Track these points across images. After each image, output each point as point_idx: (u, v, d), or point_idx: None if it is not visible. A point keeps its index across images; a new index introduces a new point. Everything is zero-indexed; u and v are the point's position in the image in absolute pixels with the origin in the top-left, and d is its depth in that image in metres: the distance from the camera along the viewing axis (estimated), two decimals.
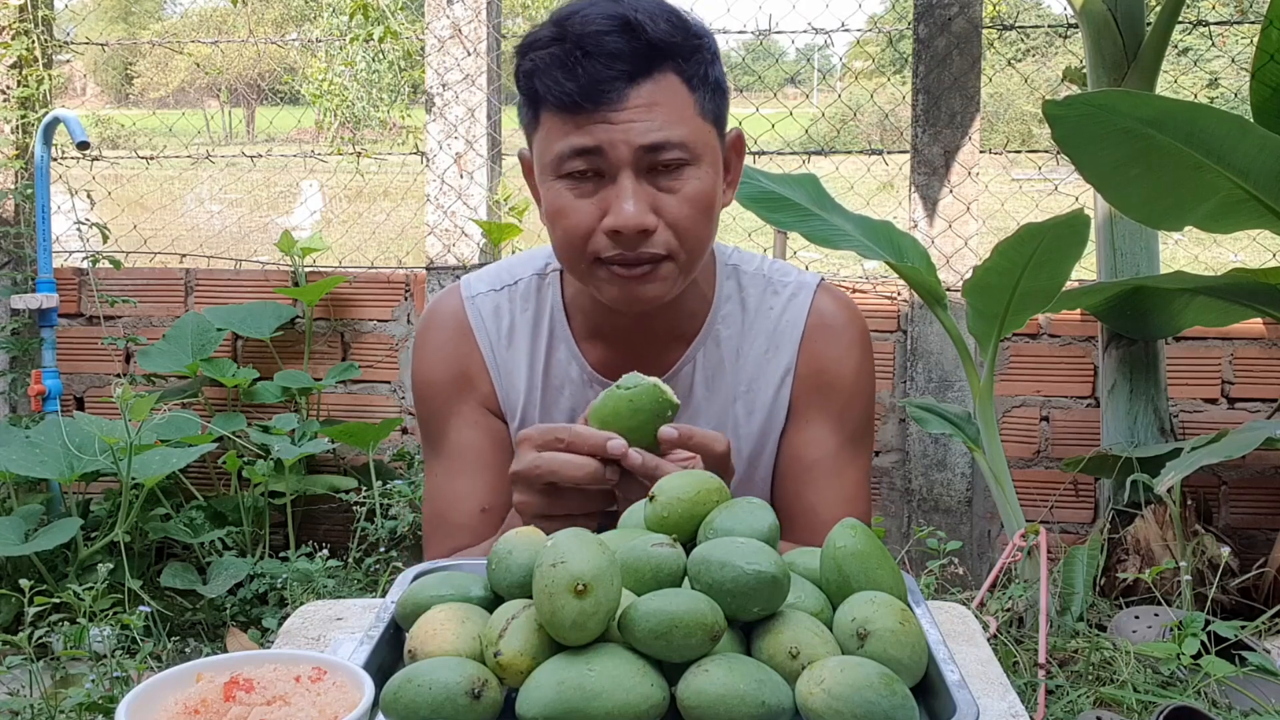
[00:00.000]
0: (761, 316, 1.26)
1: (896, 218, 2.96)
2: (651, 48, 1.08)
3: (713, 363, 1.25)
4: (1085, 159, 2.20)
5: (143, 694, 0.73)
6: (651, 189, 1.09)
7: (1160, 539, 2.54)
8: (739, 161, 1.22)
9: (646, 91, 1.08)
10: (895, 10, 3.75)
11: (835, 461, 1.25)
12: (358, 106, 8.14)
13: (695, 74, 1.11)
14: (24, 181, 3.32)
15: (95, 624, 2.17)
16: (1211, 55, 9.68)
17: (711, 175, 1.13)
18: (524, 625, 0.77)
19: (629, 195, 1.08)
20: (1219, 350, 2.97)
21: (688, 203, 1.10)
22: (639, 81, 1.08)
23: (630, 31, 1.07)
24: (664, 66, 1.09)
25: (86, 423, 2.76)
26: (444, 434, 1.28)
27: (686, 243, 1.11)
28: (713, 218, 1.14)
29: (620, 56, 1.07)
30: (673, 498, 0.93)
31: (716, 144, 1.15)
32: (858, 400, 1.26)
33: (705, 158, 1.12)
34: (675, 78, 1.10)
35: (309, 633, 1.08)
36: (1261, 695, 1.83)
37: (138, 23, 22.01)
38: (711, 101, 1.13)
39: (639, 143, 1.07)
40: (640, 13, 1.08)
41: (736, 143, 1.21)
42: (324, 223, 7.94)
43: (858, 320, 1.29)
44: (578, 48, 1.07)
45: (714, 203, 1.13)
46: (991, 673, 0.98)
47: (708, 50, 1.13)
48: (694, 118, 1.11)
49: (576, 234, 1.11)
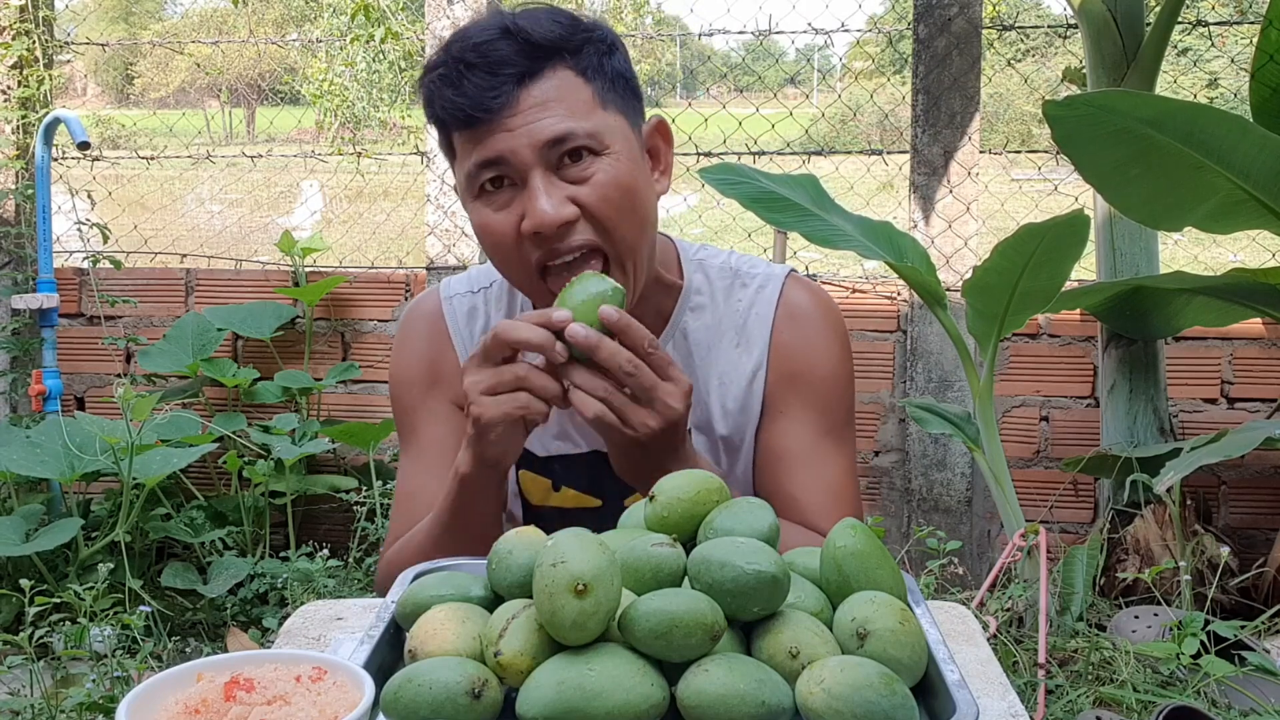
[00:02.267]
0: (730, 309, 1.25)
1: (896, 218, 2.96)
2: (536, 47, 1.08)
3: (681, 356, 1.24)
4: (1085, 159, 2.20)
5: (143, 694, 0.73)
6: (565, 184, 1.08)
7: (1160, 539, 2.54)
8: (668, 148, 1.20)
9: (538, 90, 1.07)
10: (895, 10, 3.75)
11: (814, 451, 1.23)
12: (358, 107, 8.14)
13: (589, 65, 1.10)
14: (24, 182, 3.32)
15: (96, 624, 2.17)
16: (1211, 55, 9.69)
17: (626, 164, 1.10)
18: (524, 625, 0.78)
19: (541, 194, 1.07)
20: (1219, 350, 2.97)
21: (602, 189, 1.08)
22: (528, 83, 1.07)
23: (511, 36, 1.07)
24: (553, 63, 1.08)
25: (87, 423, 2.76)
26: (415, 429, 1.30)
27: (614, 231, 1.09)
28: (639, 205, 1.11)
29: (505, 62, 1.07)
30: (673, 498, 0.93)
31: (629, 133, 1.12)
32: (833, 388, 1.25)
33: (615, 146, 1.10)
34: (568, 71, 1.09)
35: (309, 633, 1.08)
36: (1261, 695, 1.83)
37: (138, 23, 22.01)
38: (613, 92, 1.12)
39: (539, 140, 1.06)
40: (522, 18, 1.09)
41: (660, 129, 1.19)
42: (324, 223, 7.94)
43: (828, 309, 1.27)
44: (461, 62, 1.07)
45: (635, 190, 1.11)
46: (991, 673, 0.98)
47: (600, 42, 1.12)
48: (594, 108, 1.09)
49: (505, 247, 1.10)
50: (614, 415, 1.03)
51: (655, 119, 1.19)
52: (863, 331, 3.06)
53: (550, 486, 1.29)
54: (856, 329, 3.06)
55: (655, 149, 1.18)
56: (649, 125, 1.18)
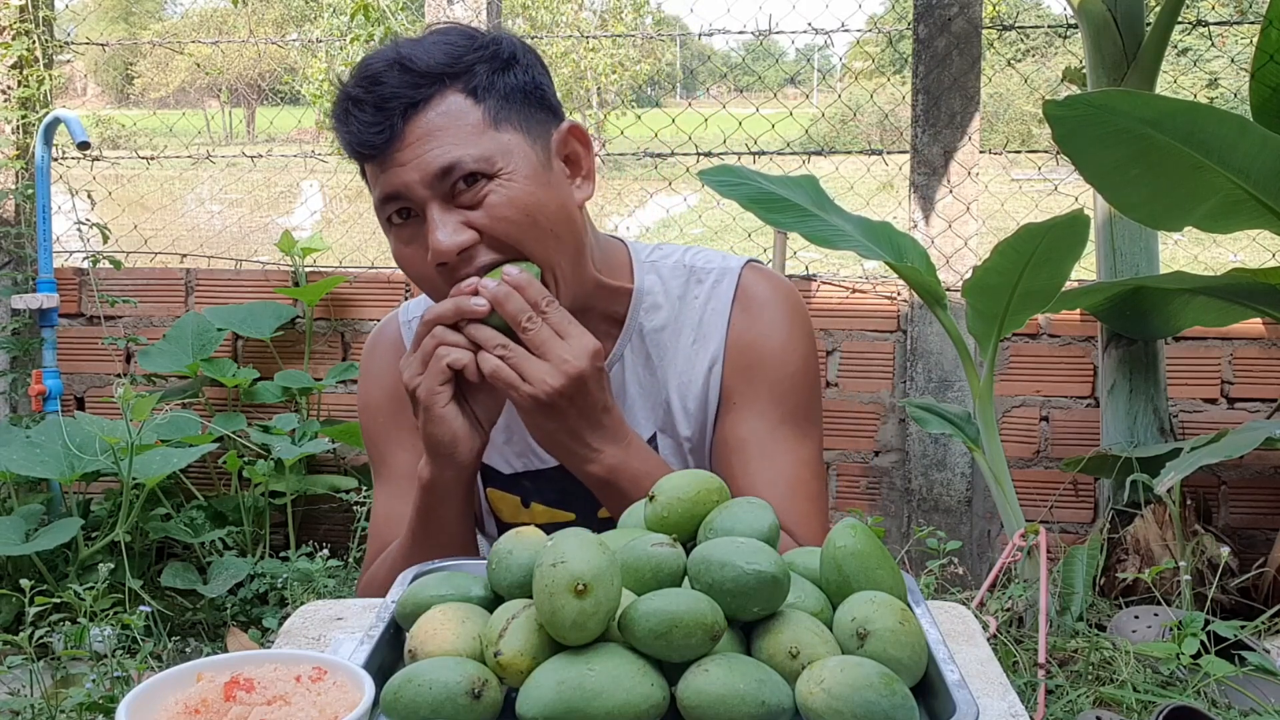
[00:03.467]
0: (686, 307, 1.23)
1: (896, 218, 2.96)
2: (420, 76, 1.07)
3: (640, 359, 1.23)
4: (1085, 159, 2.20)
5: (143, 694, 0.73)
6: (463, 211, 1.07)
7: (1160, 539, 2.54)
8: (587, 152, 1.17)
9: (424, 121, 1.07)
10: (895, 10, 3.75)
11: (770, 441, 1.20)
12: None
13: (479, 85, 1.08)
14: (24, 182, 3.32)
15: (96, 624, 2.17)
16: (1211, 55, 9.69)
17: (522, 181, 1.08)
18: (524, 625, 0.78)
19: (437, 225, 1.06)
20: (1219, 350, 2.97)
21: (496, 209, 1.07)
22: (413, 114, 1.07)
23: (396, 68, 1.07)
24: (439, 90, 1.07)
25: (87, 423, 2.76)
26: (384, 457, 1.30)
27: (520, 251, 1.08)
28: (541, 220, 1.09)
29: (391, 95, 1.07)
30: (673, 498, 0.93)
31: (527, 149, 1.10)
32: (790, 375, 1.22)
33: (510, 166, 1.08)
34: (456, 95, 1.08)
35: (309, 632, 1.08)
36: (1261, 695, 1.83)
37: (138, 23, 22.02)
38: (507, 108, 1.09)
39: (427, 173, 1.06)
40: (411, 46, 1.09)
41: (574, 133, 1.16)
42: (324, 223, 7.95)
43: (786, 296, 1.24)
44: (350, 98, 1.09)
45: (535, 206, 1.08)
46: (991, 673, 0.98)
47: (493, 59, 1.10)
48: (485, 130, 1.08)
49: (425, 281, 1.11)
50: (511, 370, 1.04)
51: (569, 124, 1.16)
52: (863, 332, 3.06)
53: (520, 503, 1.28)
54: (856, 329, 3.06)
55: (574, 155, 1.16)
56: (561, 131, 1.15)
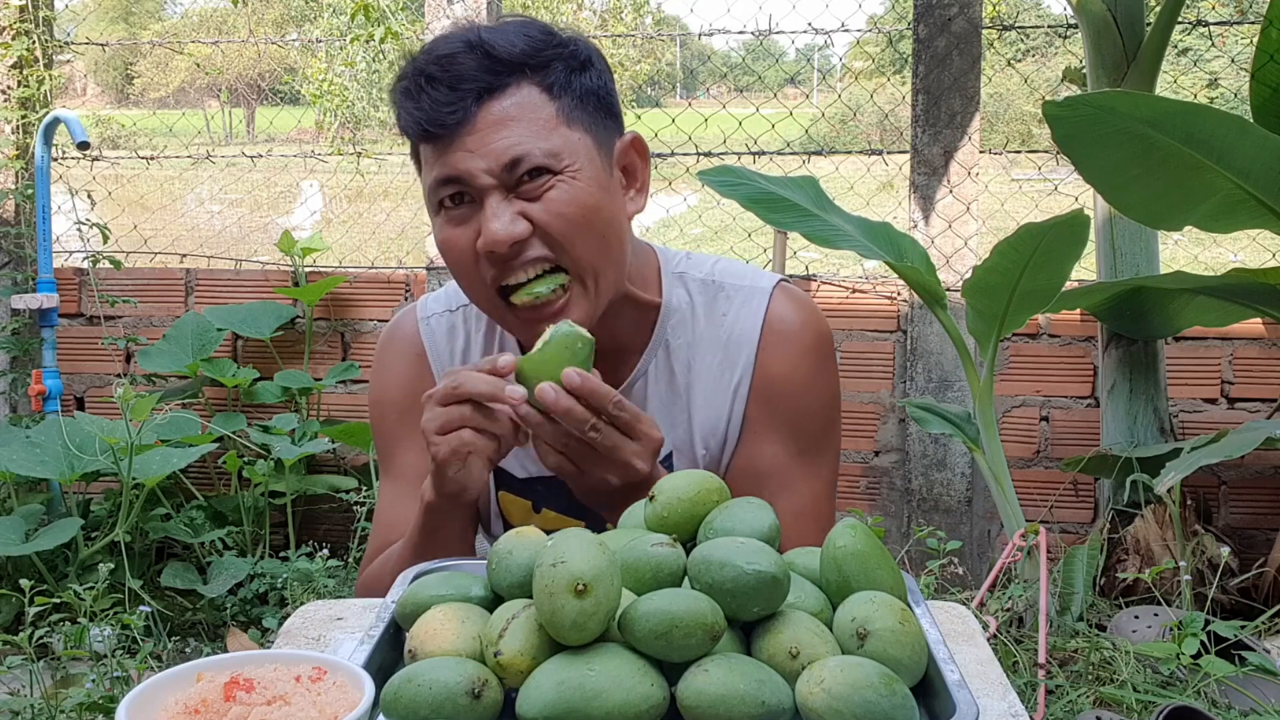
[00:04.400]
0: (713, 324, 1.21)
1: (896, 218, 2.96)
2: (499, 62, 1.05)
3: (665, 374, 1.21)
4: (1085, 159, 2.20)
5: (143, 694, 0.73)
6: (521, 203, 1.06)
7: (1160, 539, 2.54)
8: (645, 165, 1.17)
9: (498, 108, 1.05)
10: (895, 10, 3.75)
11: (786, 473, 1.21)
12: (358, 107, 8.15)
13: (555, 82, 1.07)
14: (24, 182, 3.32)
15: (95, 624, 2.17)
16: (1211, 55, 9.69)
17: (586, 183, 1.07)
18: (524, 625, 0.78)
19: (494, 214, 1.05)
20: (1219, 350, 2.97)
21: (557, 206, 1.06)
22: (488, 99, 1.05)
23: (475, 51, 1.05)
24: (516, 80, 1.06)
25: (87, 423, 2.76)
26: (392, 455, 1.30)
27: (570, 249, 1.07)
28: (597, 224, 1.09)
29: (466, 77, 1.05)
30: (673, 498, 0.93)
31: (594, 151, 1.09)
32: (811, 410, 1.22)
33: (576, 165, 1.07)
34: (532, 88, 1.06)
35: (309, 633, 1.08)
36: (1261, 695, 1.83)
37: (138, 23, 22.02)
38: (580, 109, 1.09)
39: (496, 161, 1.05)
40: (490, 32, 1.07)
41: (635, 145, 1.16)
42: (324, 223, 7.95)
43: (814, 325, 1.23)
44: (423, 75, 1.06)
45: (594, 209, 1.08)
46: (991, 673, 0.98)
47: (571, 58, 1.09)
48: (557, 127, 1.07)
49: (464, 265, 1.10)
50: (573, 466, 1.04)
51: (631, 135, 1.16)
52: (863, 332, 3.06)
53: (530, 508, 1.27)
54: (857, 329, 3.06)
55: (631, 166, 1.15)
56: (624, 141, 1.14)
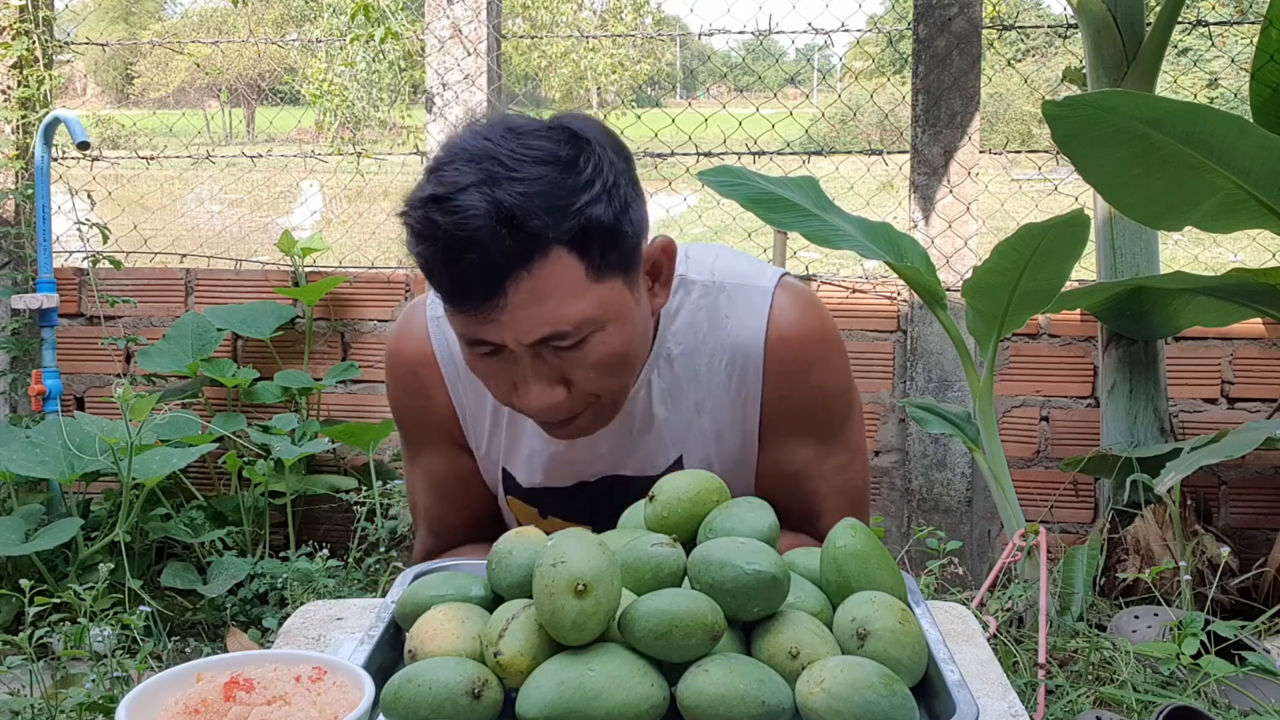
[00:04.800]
0: (717, 327, 1.20)
1: (896, 218, 2.96)
2: (527, 239, 0.97)
3: (668, 382, 1.21)
4: (1085, 159, 2.20)
5: (143, 694, 0.73)
6: (556, 360, 1.04)
7: (1160, 539, 2.54)
8: (670, 264, 1.13)
9: (527, 284, 0.99)
10: (895, 10, 3.75)
11: (820, 464, 1.23)
12: (358, 107, 8.15)
13: (583, 239, 1.00)
14: (24, 182, 3.32)
15: (95, 624, 2.17)
16: (1211, 55, 9.69)
17: (620, 330, 1.06)
18: (524, 625, 0.78)
19: (530, 380, 1.04)
20: (1219, 350, 2.97)
21: (595, 368, 1.05)
22: (516, 276, 0.98)
23: (502, 228, 0.97)
24: (544, 248, 0.99)
25: (87, 423, 2.76)
26: (413, 451, 1.33)
27: (604, 396, 1.09)
28: (631, 363, 1.09)
29: (490, 261, 0.97)
30: (673, 498, 0.93)
31: (624, 292, 1.06)
32: (830, 402, 1.23)
33: (609, 317, 1.04)
34: (561, 250, 0.99)
35: (309, 633, 1.08)
36: (1261, 695, 1.83)
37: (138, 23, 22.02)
38: (609, 253, 1.03)
39: (525, 340, 1.02)
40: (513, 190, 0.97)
41: (665, 251, 1.12)
42: (324, 223, 7.95)
43: (818, 326, 1.21)
44: (446, 253, 0.98)
45: (629, 352, 1.08)
46: (991, 673, 0.98)
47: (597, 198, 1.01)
48: (587, 288, 1.02)
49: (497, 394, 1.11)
50: None
51: (660, 242, 1.11)
52: (863, 332, 3.06)
53: (537, 514, 1.29)
54: (857, 329, 3.06)
55: (656, 267, 1.12)
56: (653, 249, 1.10)
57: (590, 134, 1.04)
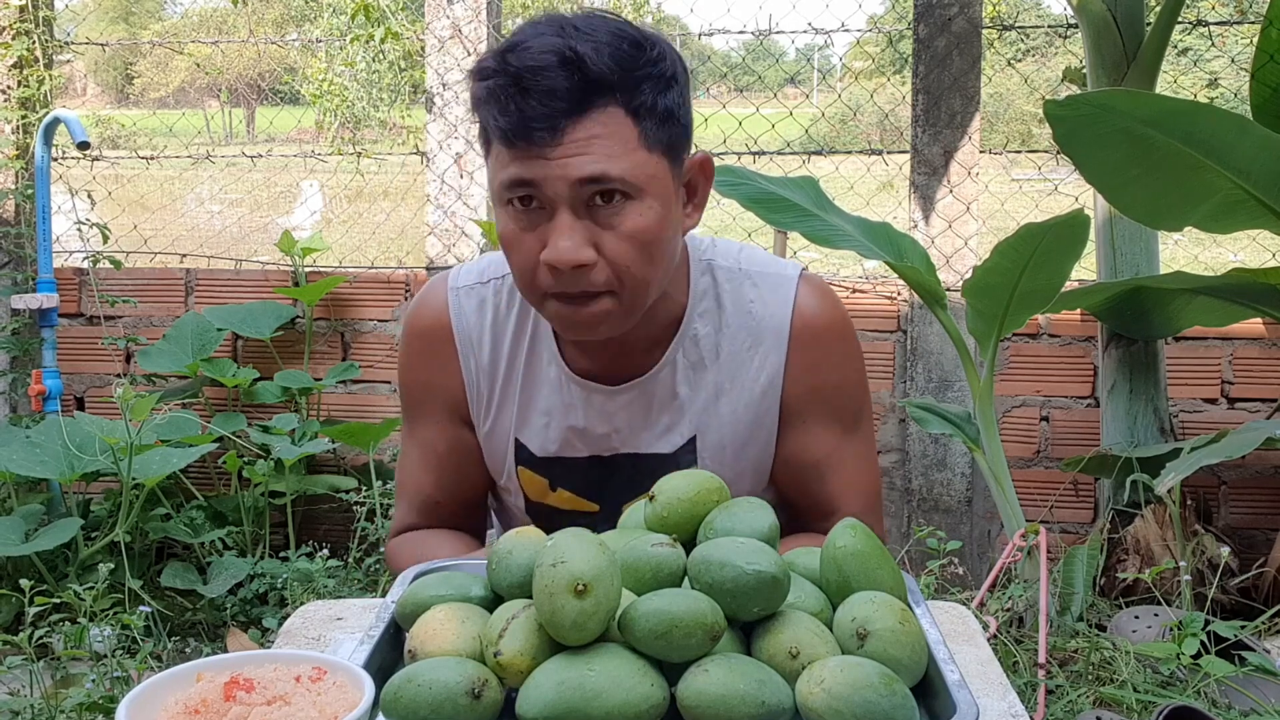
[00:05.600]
0: (740, 311, 1.25)
1: (896, 218, 2.96)
2: (591, 83, 1.05)
3: (692, 361, 1.24)
4: (1085, 159, 2.20)
5: (143, 694, 0.73)
6: (591, 224, 1.08)
7: (1160, 539, 2.54)
8: (706, 185, 1.19)
9: (584, 126, 1.05)
10: (895, 10, 3.75)
11: (839, 454, 1.27)
12: (358, 107, 8.14)
13: (641, 104, 1.08)
14: (24, 182, 3.32)
15: (95, 624, 2.17)
16: (1211, 55, 9.68)
17: (657, 209, 1.10)
18: (524, 625, 0.78)
19: (565, 232, 1.07)
20: (1219, 350, 2.97)
21: (627, 239, 1.08)
22: (576, 117, 1.05)
23: (569, 67, 1.05)
24: (605, 100, 1.06)
25: (87, 423, 2.76)
26: (413, 422, 1.35)
27: (627, 279, 1.10)
28: (658, 253, 1.12)
29: (556, 93, 1.04)
30: (673, 498, 0.93)
31: (667, 174, 1.11)
32: (849, 391, 1.28)
33: (650, 190, 1.09)
34: (618, 109, 1.07)
35: (309, 633, 1.08)
36: (1261, 695, 1.83)
37: (138, 23, 22.02)
38: (660, 130, 1.10)
39: (574, 177, 1.05)
40: (584, 43, 1.05)
41: (703, 166, 1.18)
42: (324, 223, 7.94)
43: (841, 315, 1.29)
44: (515, 84, 1.05)
45: (659, 236, 1.11)
46: (991, 673, 0.99)
47: (659, 78, 1.09)
48: (637, 150, 1.08)
49: (523, 268, 1.12)
50: None
51: (701, 156, 1.18)
52: (863, 331, 3.06)
53: (547, 485, 1.30)
54: (857, 329, 3.05)
55: (693, 184, 1.18)
56: (694, 160, 1.17)
57: (661, 38, 1.13)
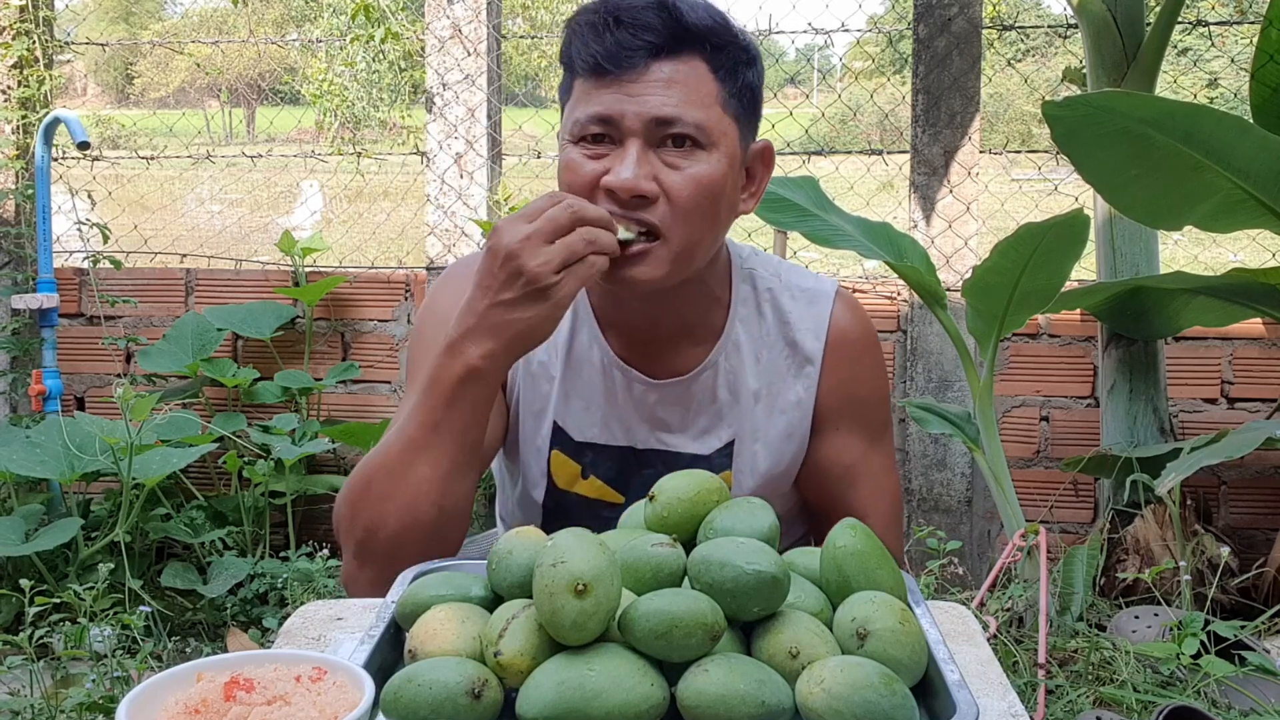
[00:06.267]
0: (779, 322, 1.29)
1: (896, 218, 2.96)
2: (683, 28, 1.11)
3: (734, 367, 1.27)
4: (1085, 159, 2.20)
5: (143, 694, 0.73)
6: (658, 161, 1.11)
7: (1160, 539, 2.54)
8: (765, 173, 1.23)
9: (669, 68, 1.11)
10: (895, 10, 3.75)
11: (868, 462, 1.31)
12: (358, 107, 8.15)
13: (723, 66, 1.13)
14: (25, 182, 3.32)
15: (95, 624, 2.17)
16: (1211, 55, 9.68)
17: (723, 166, 1.13)
18: (524, 625, 0.78)
19: (632, 161, 1.10)
20: (1219, 350, 2.97)
21: (691, 182, 1.11)
22: (663, 57, 1.11)
23: (665, 10, 1.11)
24: (692, 49, 1.12)
25: (87, 423, 2.76)
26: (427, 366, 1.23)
27: (682, 223, 1.11)
28: (716, 210, 1.14)
29: (649, 29, 1.10)
30: (673, 498, 0.93)
31: (735, 141, 1.15)
32: (877, 403, 1.34)
33: (719, 147, 1.12)
34: (702, 64, 1.12)
35: (309, 633, 1.08)
36: (1261, 695, 1.83)
37: (138, 23, 22.03)
38: (737, 99, 1.14)
39: (650, 114, 1.10)
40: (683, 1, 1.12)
41: (765, 154, 1.22)
42: (324, 223, 7.94)
43: (872, 331, 1.35)
44: (611, 15, 1.11)
45: (720, 193, 1.14)
46: (991, 673, 0.98)
47: (743, 51, 1.15)
48: (713, 105, 1.12)
49: (576, 188, 1.12)
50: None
51: (765, 143, 1.22)
52: None
53: (579, 473, 1.30)
54: None
55: (753, 170, 1.22)
56: (757, 147, 1.21)
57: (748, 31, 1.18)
